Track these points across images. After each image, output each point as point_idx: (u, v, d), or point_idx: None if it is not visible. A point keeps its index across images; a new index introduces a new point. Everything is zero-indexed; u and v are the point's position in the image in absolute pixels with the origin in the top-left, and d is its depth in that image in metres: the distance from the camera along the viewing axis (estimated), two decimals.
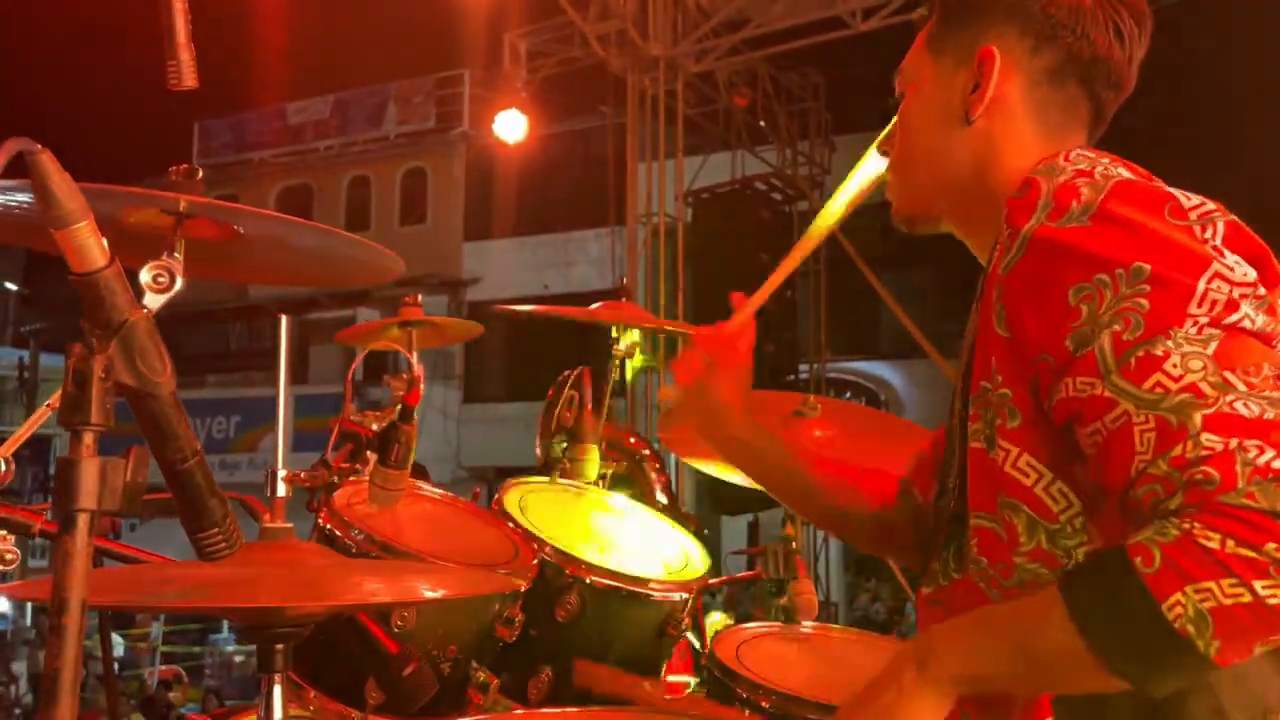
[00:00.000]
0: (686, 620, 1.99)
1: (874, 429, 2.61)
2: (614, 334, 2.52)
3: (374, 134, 19.96)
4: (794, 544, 2.23)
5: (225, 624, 19.70)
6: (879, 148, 1.42)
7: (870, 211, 1.45)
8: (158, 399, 0.78)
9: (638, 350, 2.54)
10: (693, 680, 2.04)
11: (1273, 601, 0.88)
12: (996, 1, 1.26)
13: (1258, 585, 0.88)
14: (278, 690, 1.03)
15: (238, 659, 18.56)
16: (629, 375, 2.43)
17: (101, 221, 1.64)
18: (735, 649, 2.03)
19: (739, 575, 3.19)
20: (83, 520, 0.72)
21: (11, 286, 26.76)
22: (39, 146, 0.71)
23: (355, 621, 1.40)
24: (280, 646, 1.04)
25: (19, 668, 14.82)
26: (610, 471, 2.62)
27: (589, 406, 2.22)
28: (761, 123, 10.98)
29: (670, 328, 3.00)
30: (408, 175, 19.62)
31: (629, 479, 2.90)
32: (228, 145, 21.28)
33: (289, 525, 1.11)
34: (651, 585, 1.97)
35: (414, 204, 19.51)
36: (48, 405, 1.56)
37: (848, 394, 14.63)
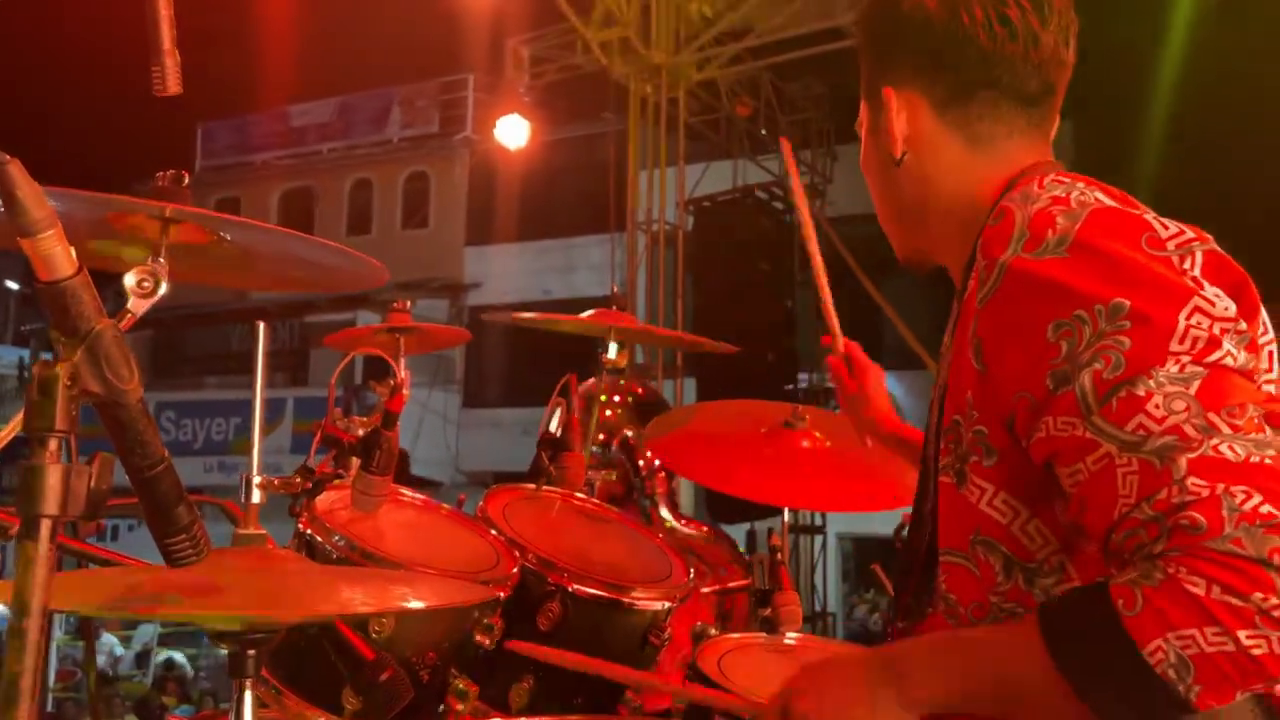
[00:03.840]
0: (668, 629, 2.00)
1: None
2: (606, 342, 2.53)
3: (377, 137, 19.99)
4: (779, 555, 2.23)
5: None
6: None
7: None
8: (125, 407, 0.79)
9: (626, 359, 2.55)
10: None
11: (1257, 652, 0.87)
12: (887, 43, 1.27)
13: (1241, 635, 0.87)
14: (248, 695, 1.04)
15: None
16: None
17: (92, 226, 1.64)
18: (718, 660, 2.04)
19: (730, 585, 3.19)
20: (45, 525, 0.73)
21: (12, 285, 26.79)
22: (7, 157, 0.72)
23: (331, 627, 1.40)
24: (252, 652, 1.04)
25: None
26: (599, 481, 2.63)
27: (576, 415, 2.22)
28: (763, 131, 11.00)
29: (662, 335, 3.01)
30: (410, 179, 19.64)
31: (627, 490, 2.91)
32: (230, 147, 21.31)
33: (263, 532, 1.11)
34: (634, 594, 1.97)
35: (416, 208, 19.53)
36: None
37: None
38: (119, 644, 16.06)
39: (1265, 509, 0.88)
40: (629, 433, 3.01)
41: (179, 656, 16.98)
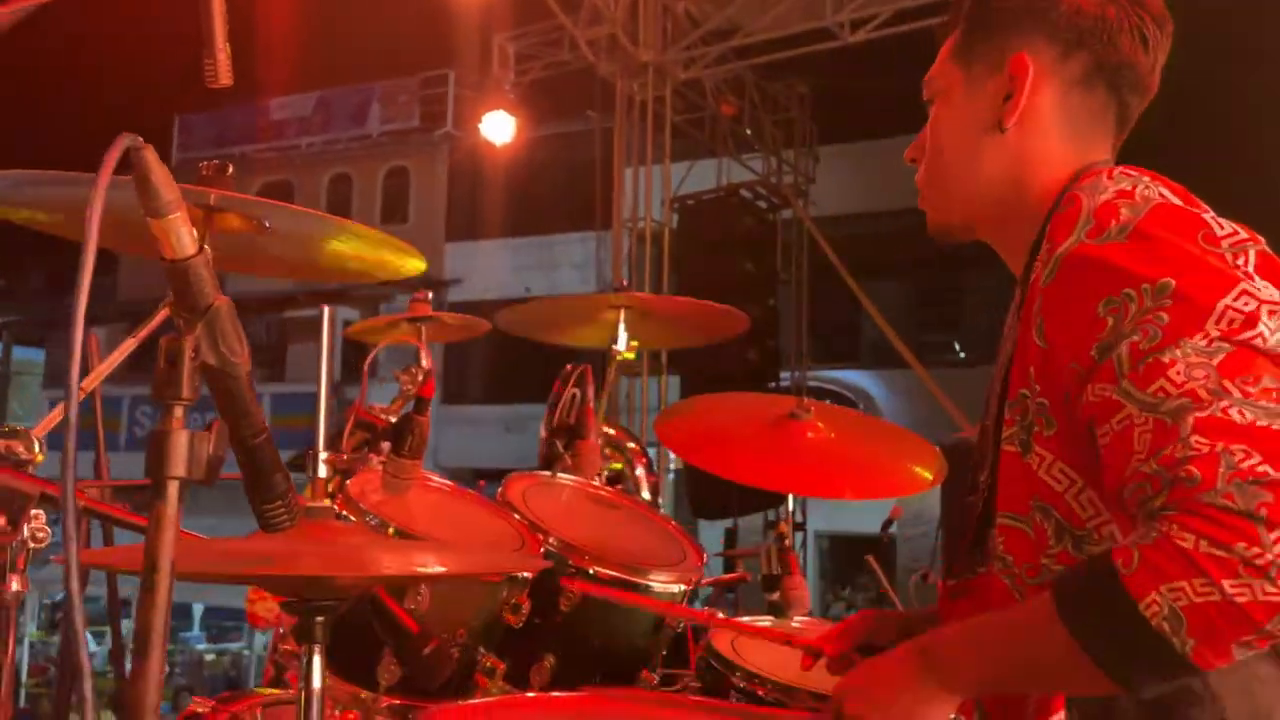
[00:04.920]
0: None
1: (862, 432, 2.69)
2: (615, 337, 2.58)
3: (357, 132, 19.95)
4: (787, 541, 2.30)
5: (196, 622, 19.61)
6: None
7: (853, 222, 1.49)
8: (236, 379, 0.84)
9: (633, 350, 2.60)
10: None
11: (1240, 600, 0.92)
12: (1024, 11, 1.29)
13: (1226, 584, 0.92)
14: (316, 659, 1.09)
15: (208, 657, 18.47)
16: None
17: (131, 212, 1.70)
18: (732, 640, 2.10)
19: (724, 576, 3.26)
20: (173, 487, 0.78)
21: None
22: (142, 141, 0.77)
23: (377, 601, 1.46)
24: (320, 618, 1.09)
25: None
26: (606, 470, 2.69)
27: (590, 404, 2.28)
28: (748, 131, 11.08)
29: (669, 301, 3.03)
30: (390, 174, 19.61)
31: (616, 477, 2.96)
32: (208, 140, 21.19)
33: (330, 504, 1.17)
34: (651, 577, 2.04)
35: (396, 203, 19.50)
36: (81, 388, 1.61)
37: (827, 401, 14.73)
38: (93, 640, 15.99)
39: (1261, 468, 0.94)
40: (610, 430, 3.07)
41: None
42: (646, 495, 2.94)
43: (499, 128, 9.84)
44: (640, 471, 2.91)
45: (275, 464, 0.90)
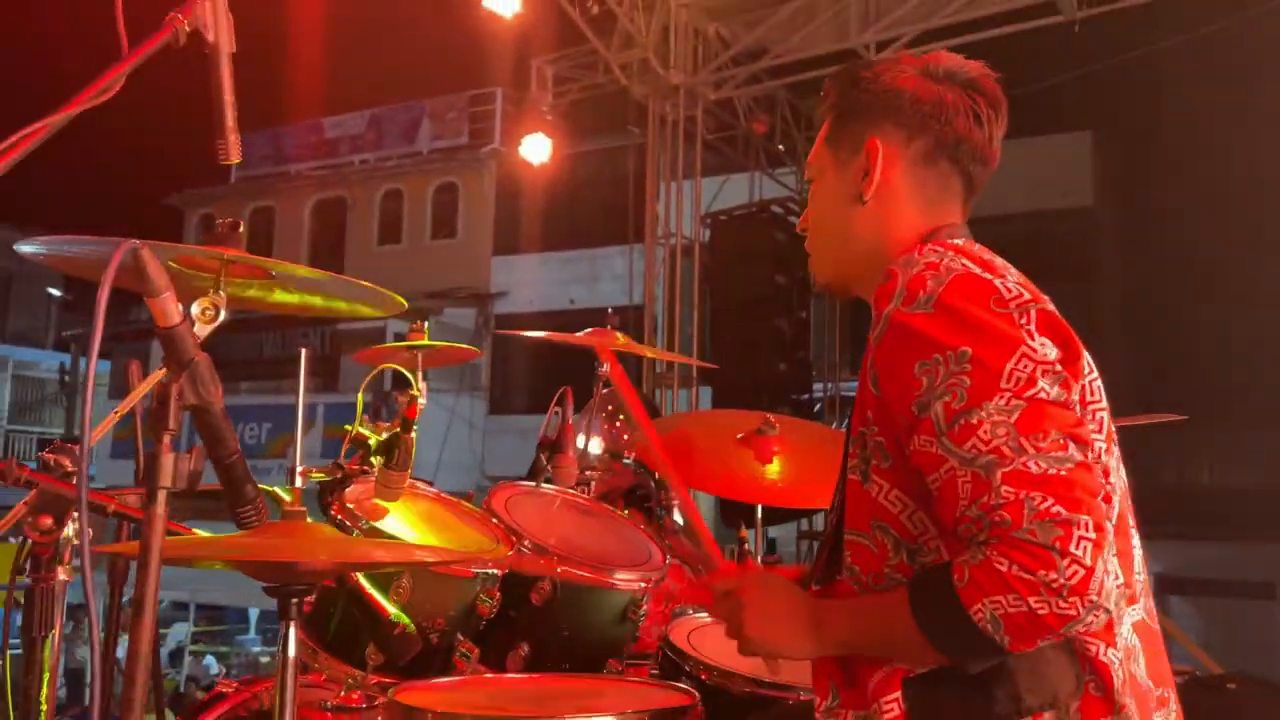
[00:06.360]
0: (645, 606, 2.32)
1: (829, 446, 2.93)
2: (599, 359, 2.85)
3: (408, 149, 20.45)
4: (746, 546, 2.55)
5: (252, 625, 20.27)
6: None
7: None
8: (212, 413, 1.13)
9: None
10: None
11: (1041, 612, 1.20)
12: (876, 102, 1.55)
13: (1030, 600, 1.20)
14: (292, 630, 1.37)
15: (264, 659, 19.06)
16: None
17: (163, 257, 2.00)
18: (687, 634, 2.36)
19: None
20: (161, 495, 1.07)
21: (54, 292, 27.55)
22: (140, 243, 1.06)
23: (357, 593, 1.75)
24: (295, 600, 1.38)
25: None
26: (595, 480, 2.95)
27: (570, 422, 2.56)
28: (780, 146, 11.31)
29: (650, 354, 3.33)
30: (439, 190, 20.06)
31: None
32: (265, 158, 21.84)
33: (303, 509, 1.45)
34: (616, 575, 2.31)
35: (445, 218, 19.94)
36: (115, 412, 1.93)
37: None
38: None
39: (1055, 509, 1.21)
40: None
41: (211, 653, 17.46)
42: (677, 517, 3.19)
43: (537, 149, 10.18)
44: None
45: (246, 476, 1.19)
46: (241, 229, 1.91)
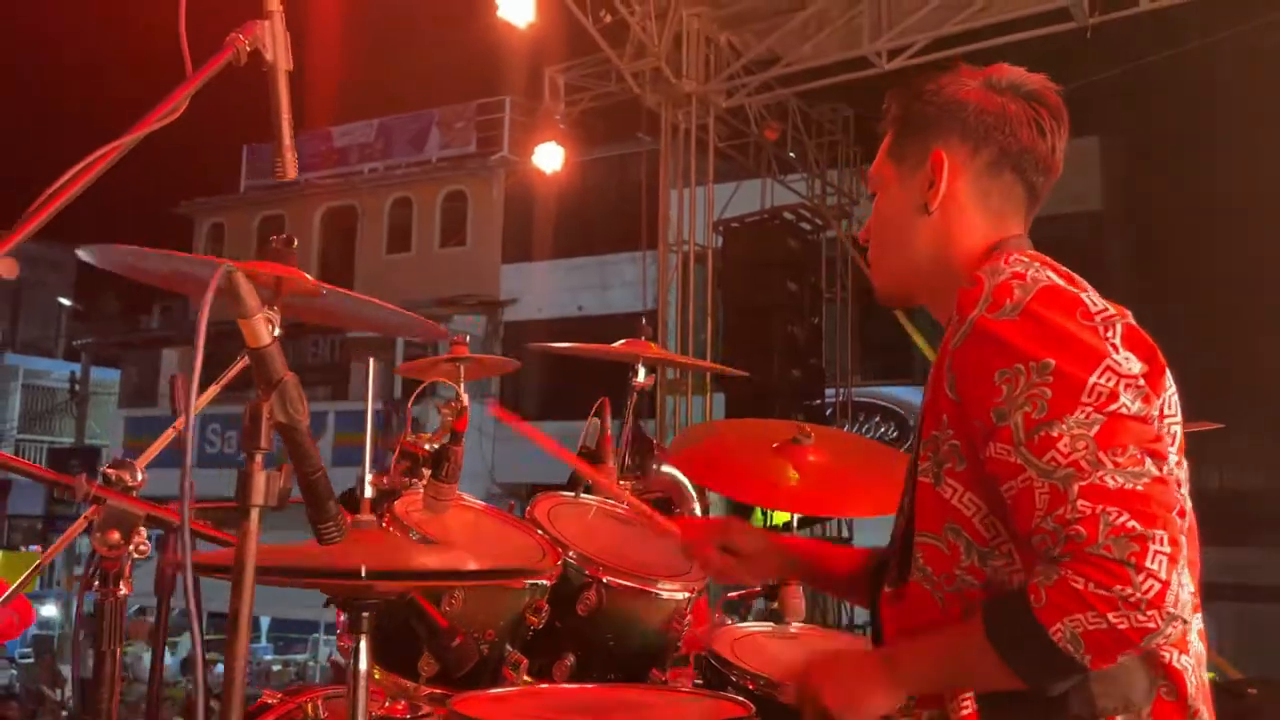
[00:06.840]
0: (688, 615, 2.34)
1: (861, 455, 2.94)
2: (637, 367, 2.87)
3: (417, 157, 20.53)
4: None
5: (264, 634, 20.29)
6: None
7: None
8: (299, 432, 1.15)
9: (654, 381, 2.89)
10: None
11: (1122, 627, 1.21)
12: (940, 114, 1.57)
13: (1110, 616, 1.21)
14: (364, 644, 1.39)
15: (275, 668, 19.09)
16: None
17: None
18: (731, 644, 2.38)
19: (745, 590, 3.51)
20: (255, 512, 1.09)
21: (65, 301, 27.65)
22: (234, 266, 1.08)
23: (414, 604, 1.76)
24: (366, 614, 1.40)
25: (66, 671, 15.34)
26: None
27: (608, 432, 2.57)
28: (791, 154, 11.35)
29: (682, 362, 3.35)
30: (448, 198, 20.12)
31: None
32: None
33: (373, 518, 1.47)
34: (660, 586, 2.32)
35: (454, 226, 20.00)
36: (173, 427, 1.95)
37: (876, 418, 14.87)
38: (168, 654, 16.55)
39: (1130, 524, 1.22)
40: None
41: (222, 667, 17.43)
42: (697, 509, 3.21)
43: (549, 157, 10.22)
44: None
45: (328, 493, 1.21)
46: (295, 244, 1.94)
